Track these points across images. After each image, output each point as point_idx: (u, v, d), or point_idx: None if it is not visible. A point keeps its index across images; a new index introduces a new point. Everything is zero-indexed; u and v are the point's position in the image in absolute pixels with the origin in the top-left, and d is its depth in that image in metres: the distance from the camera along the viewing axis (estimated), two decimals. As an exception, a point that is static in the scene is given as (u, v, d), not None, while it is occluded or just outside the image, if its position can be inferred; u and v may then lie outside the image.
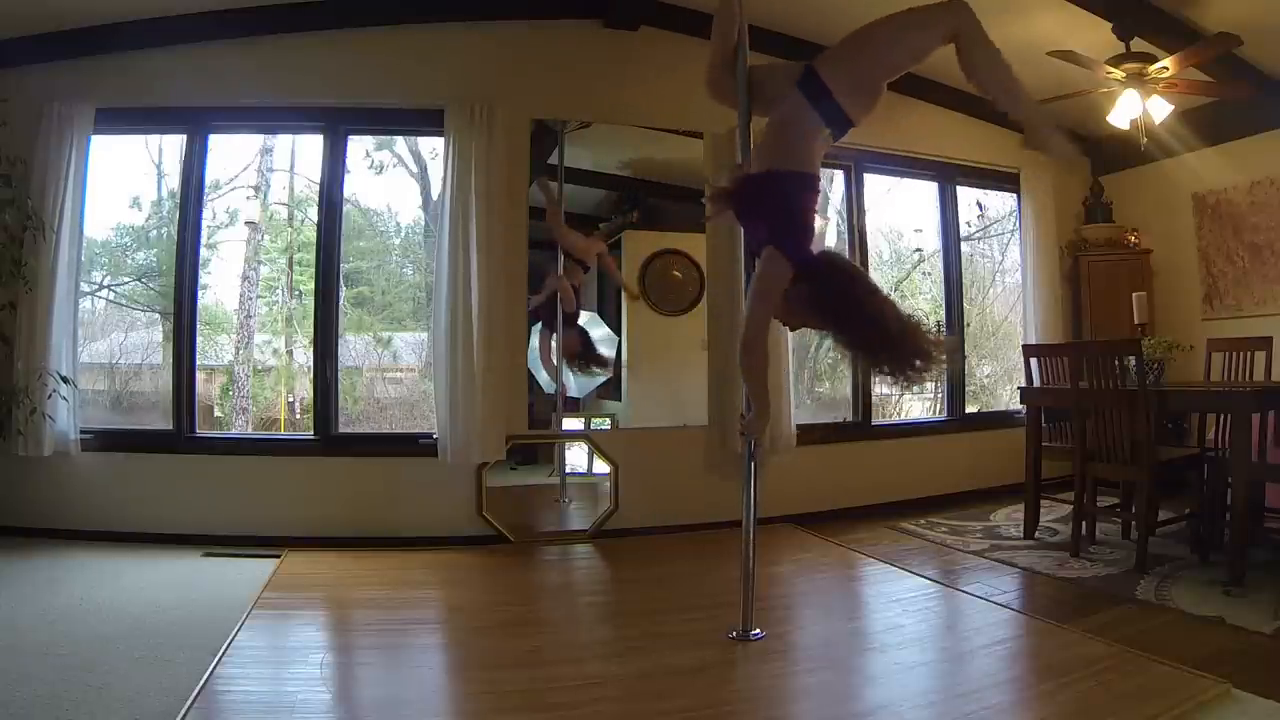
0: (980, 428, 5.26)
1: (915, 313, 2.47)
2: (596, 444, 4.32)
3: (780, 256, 2.41)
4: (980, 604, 3.03)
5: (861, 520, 4.49)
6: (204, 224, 4.34)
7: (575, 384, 4.43)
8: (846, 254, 4.93)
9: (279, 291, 5.35)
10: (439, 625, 3.05)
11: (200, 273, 4.32)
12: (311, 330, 4.24)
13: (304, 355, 4.83)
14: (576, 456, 4.46)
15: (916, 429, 5.18)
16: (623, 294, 4.45)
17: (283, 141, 5.09)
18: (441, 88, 4.07)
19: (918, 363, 2.30)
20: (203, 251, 4.37)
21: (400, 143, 4.94)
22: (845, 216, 5.02)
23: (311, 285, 4.39)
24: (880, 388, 5.19)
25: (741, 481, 2.75)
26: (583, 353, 4.36)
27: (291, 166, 5.20)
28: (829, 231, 5.13)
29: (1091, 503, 3.79)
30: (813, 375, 5.56)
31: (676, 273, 4.43)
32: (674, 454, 4.34)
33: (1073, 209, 5.68)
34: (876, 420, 5.04)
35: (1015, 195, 5.53)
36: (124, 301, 4.62)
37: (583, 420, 4.47)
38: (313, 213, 4.75)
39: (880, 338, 2.31)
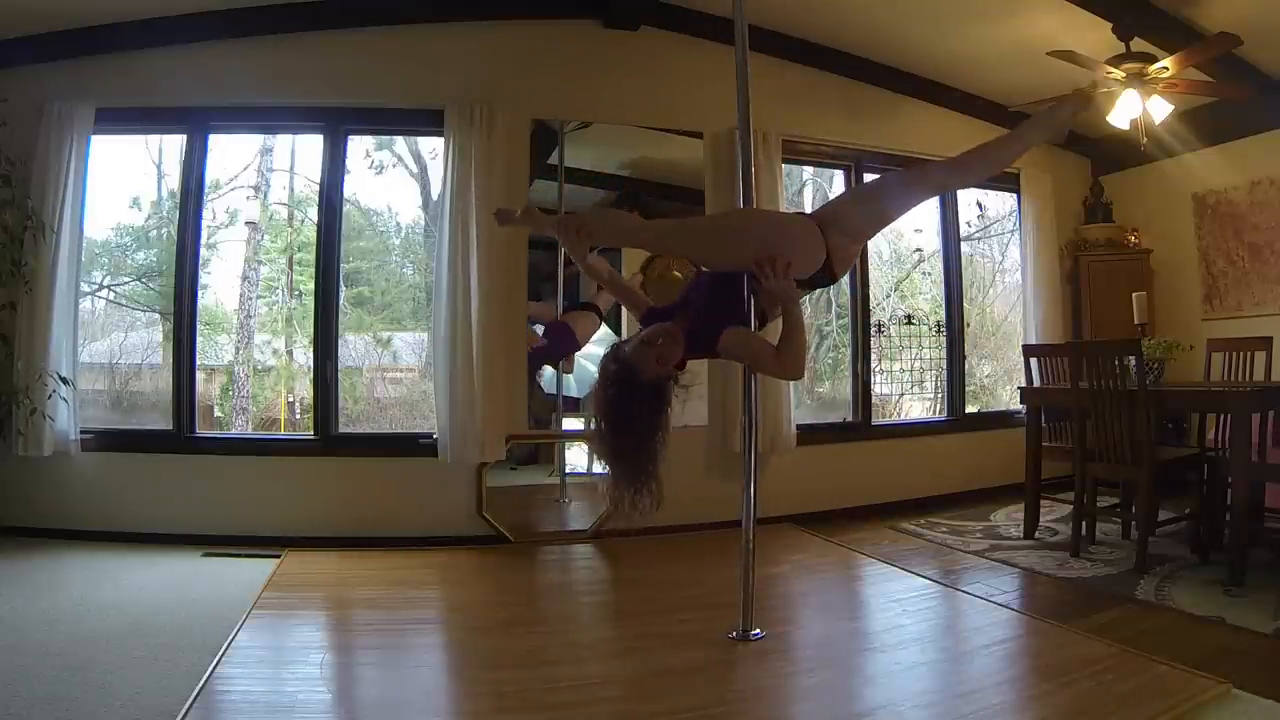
0: (980, 428, 5.25)
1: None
2: (596, 444, 4.31)
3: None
4: (980, 604, 3.03)
5: (861, 520, 4.49)
6: (204, 224, 4.34)
7: (575, 383, 4.43)
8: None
9: (279, 291, 5.34)
10: (439, 625, 3.05)
11: (200, 273, 4.32)
12: (311, 330, 4.24)
13: (304, 355, 4.82)
14: (576, 456, 4.46)
15: (916, 429, 5.18)
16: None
17: (283, 141, 5.08)
18: (441, 88, 4.07)
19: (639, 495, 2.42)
20: (203, 251, 4.37)
21: (400, 143, 4.93)
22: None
23: (311, 285, 4.39)
24: (880, 388, 5.20)
25: (741, 481, 2.75)
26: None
27: (291, 166, 5.19)
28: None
29: (1091, 503, 3.79)
30: (813, 375, 5.56)
31: (677, 273, 4.42)
32: (674, 454, 4.27)
33: (1073, 209, 5.68)
34: (877, 420, 5.04)
35: (1015, 195, 5.53)
36: (124, 301, 4.62)
37: (583, 420, 4.47)
38: (313, 213, 4.75)
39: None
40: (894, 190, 2.56)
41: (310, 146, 4.66)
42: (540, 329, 4.33)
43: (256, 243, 5.23)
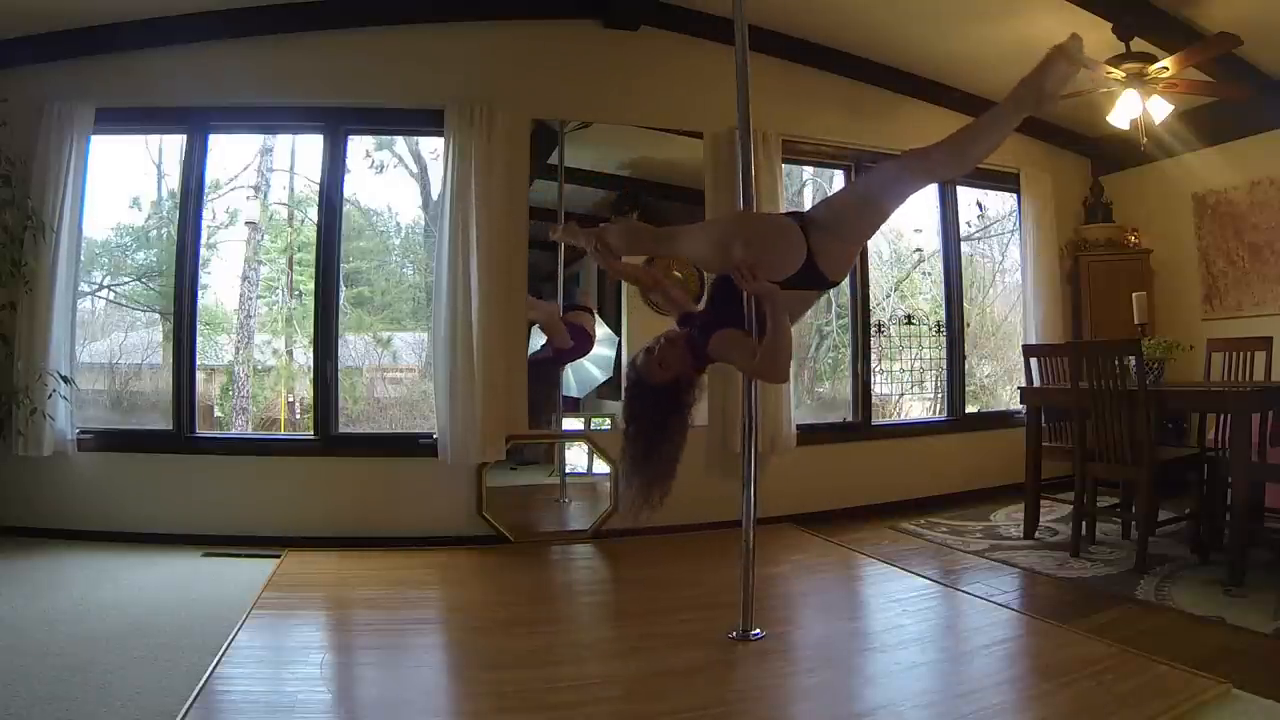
0: (980, 428, 5.25)
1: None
2: (596, 444, 4.32)
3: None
4: (980, 604, 3.03)
5: (861, 520, 4.49)
6: (204, 224, 4.34)
7: (575, 383, 4.44)
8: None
9: (279, 291, 5.34)
10: (439, 625, 3.05)
11: (200, 273, 4.32)
12: (311, 330, 4.24)
13: (304, 355, 4.82)
14: (576, 456, 4.46)
15: (916, 429, 5.18)
16: (623, 293, 4.46)
17: (283, 141, 5.08)
18: (441, 88, 4.07)
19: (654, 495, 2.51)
20: (203, 251, 4.37)
21: (400, 143, 4.93)
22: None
23: (311, 285, 4.39)
24: (880, 388, 5.20)
25: (741, 481, 2.75)
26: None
27: (291, 166, 5.19)
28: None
29: (1091, 503, 3.79)
30: (813, 375, 5.56)
31: (677, 273, 4.43)
32: (674, 454, 4.33)
33: (1073, 209, 5.69)
34: (876, 420, 5.04)
35: (1015, 195, 5.53)
36: (124, 301, 4.61)
37: (583, 420, 4.47)
38: (313, 213, 4.75)
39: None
40: (881, 184, 2.46)
41: (310, 146, 4.66)
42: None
43: (256, 243, 5.23)
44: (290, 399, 5.17)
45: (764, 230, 2.50)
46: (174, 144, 4.26)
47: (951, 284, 5.35)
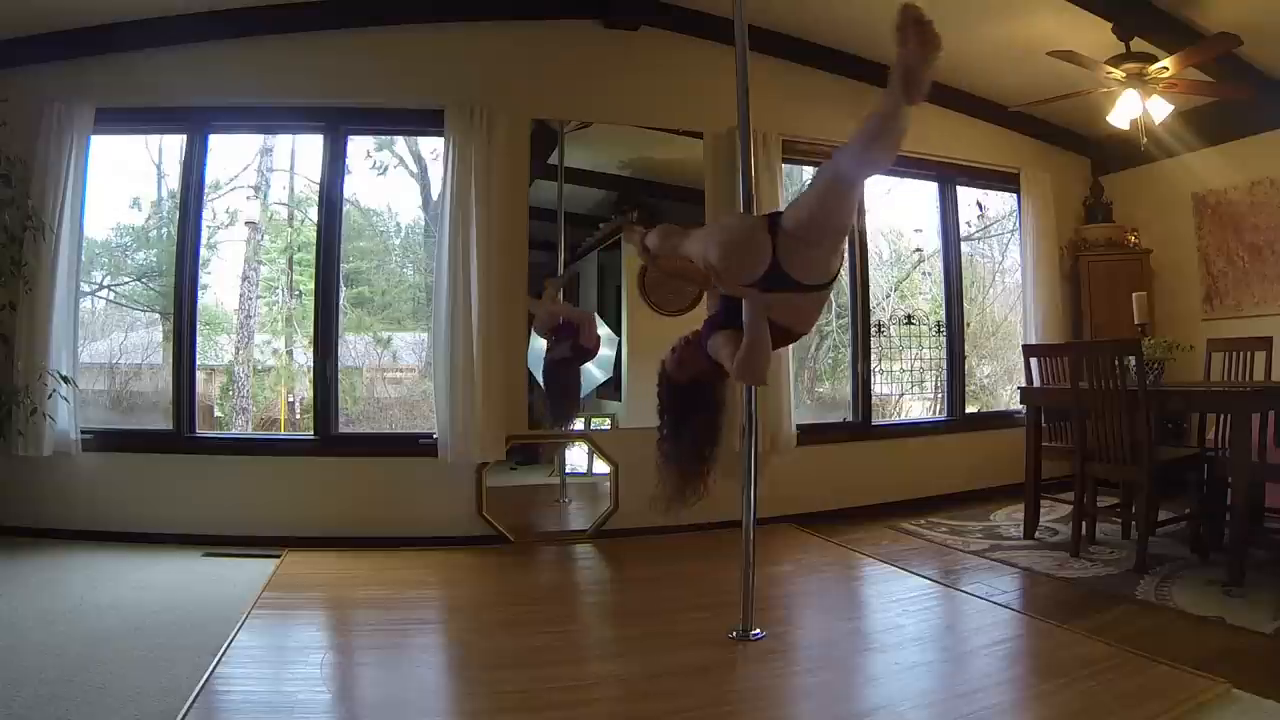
0: (980, 428, 5.26)
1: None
2: (596, 444, 4.32)
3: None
4: (980, 604, 3.03)
5: (861, 520, 4.49)
6: (204, 224, 4.34)
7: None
8: (845, 254, 4.94)
9: (279, 291, 5.34)
10: (439, 625, 3.05)
11: (200, 273, 4.32)
12: (311, 330, 4.24)
13: (304, 355, 4.82)
14: (576, 456, 4.46)
15: (916, 429, 5.18)
16: (623, 293, 4.45)
17: (283, 141, 5.08)
18: (441, 88, 4.07)
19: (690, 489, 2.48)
20: (203, 251, 4.37)
21: (400, 143, 4.93)
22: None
23: (311, 285, 4.39)
24: (880, 388, 5.20)
25: (741, 481, 2.75)
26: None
27: (291, 166, 5.19)
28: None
29: (1091, 503, 3.79)
30: (813, 375, 5.56)
31: (676, 273, 4.43)
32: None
33: (1073, 209, 5.69)
34: (876, 420, 5.04)
35: (1015, 195, 5.53)
36: (124, 301, 4.62)
37: (583, 420, 4.47)
38: (313, 213, 4.75)
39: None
40: (820, 190, 2.24)
41: (310, 146, 4.66)
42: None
43: (256, 243, 5.23)
44: (290, 399, 5.17)
45: (731, 232, 2.47)
46: (174, 144, 4.26)
47: (951, 284, 5.35)
